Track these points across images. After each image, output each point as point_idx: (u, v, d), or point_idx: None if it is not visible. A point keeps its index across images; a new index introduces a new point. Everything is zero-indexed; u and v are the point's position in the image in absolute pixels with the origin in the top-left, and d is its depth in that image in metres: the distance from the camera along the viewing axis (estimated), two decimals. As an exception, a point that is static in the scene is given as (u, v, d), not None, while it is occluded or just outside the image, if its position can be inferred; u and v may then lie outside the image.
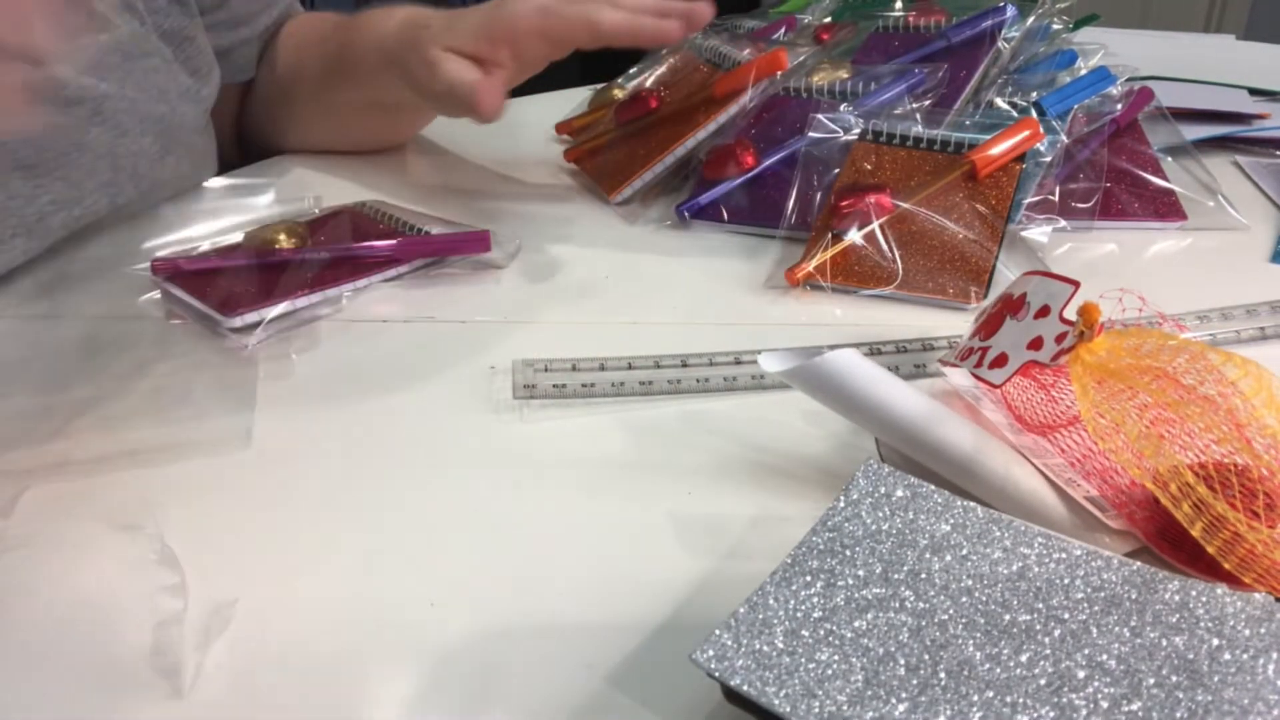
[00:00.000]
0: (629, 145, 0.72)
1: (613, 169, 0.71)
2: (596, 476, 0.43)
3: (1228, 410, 0.35)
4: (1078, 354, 0.39)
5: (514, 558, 0.38)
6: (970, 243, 0.58)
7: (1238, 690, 0.26)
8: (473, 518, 0.41)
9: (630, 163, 0.70)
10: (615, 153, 0.73)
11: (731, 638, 0.30)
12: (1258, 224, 0.66)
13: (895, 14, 0.83)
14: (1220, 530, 0.33)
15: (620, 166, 0.71)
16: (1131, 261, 0.62)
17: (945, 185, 0.60)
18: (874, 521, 0.33)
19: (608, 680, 0.33)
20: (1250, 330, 0.52)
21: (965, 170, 0.61)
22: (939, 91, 0.70)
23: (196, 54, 0.68)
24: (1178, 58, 0.97)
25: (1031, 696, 0.27)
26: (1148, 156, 0.70)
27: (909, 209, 0.60)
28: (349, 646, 0.34)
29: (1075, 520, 0.37)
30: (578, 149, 0.75)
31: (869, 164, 0.63)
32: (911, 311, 0.55)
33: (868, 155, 0.64)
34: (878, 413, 0.39)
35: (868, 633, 0.29)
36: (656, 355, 0.51)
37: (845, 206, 0.60)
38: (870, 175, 0.63)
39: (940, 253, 0.58)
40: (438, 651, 0.34)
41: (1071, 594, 0.30)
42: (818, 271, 0.58)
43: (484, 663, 0.34)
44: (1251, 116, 0.81)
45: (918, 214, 0.59)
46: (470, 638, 0.35)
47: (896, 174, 0.63)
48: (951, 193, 0.60)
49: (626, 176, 0.69)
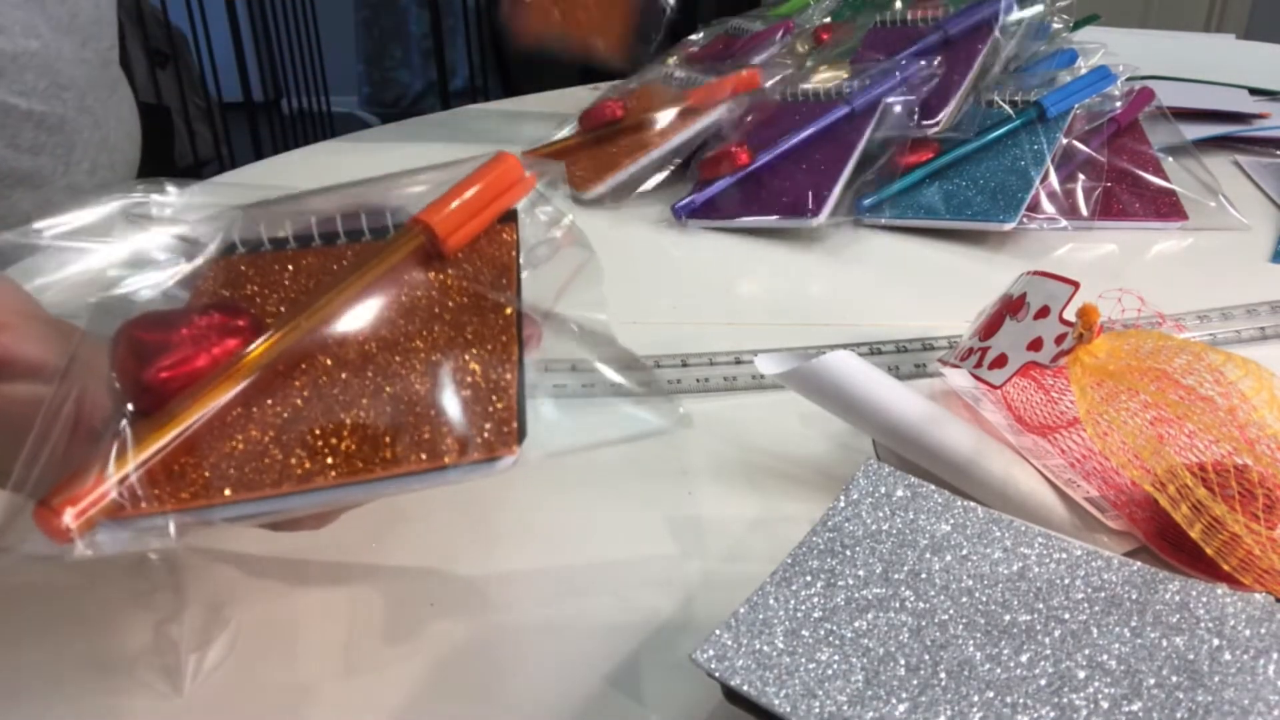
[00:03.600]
0: (596, 149, 0.73)
1: (581, 169, 0.72)
2: (596, 476, 0.43)
3: (1228, 410, 0.35)
4: (1077, 355, 0.39)
5: (514, 557, 0.38)
6: (462, 375, 0.33)
7: (1238, 691, 0.26)
8: (473, 518, 0.41)
9: (600, 163, 0.71)
10: (582, 155, 0.74)
11: (731, 638, 0.30)
12: (1258, 224, 0.66)
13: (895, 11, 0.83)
14: (1219, 531, 0.33)
15: (589, 166, 0.71)
16: (1132, 262, 0.62)
17: (381, 278, 0.36)
18: (874, 521, 0.33)
19: (608, 680, 0.33)
20: (1250, 330, 0.52)
21: (418, 245, 0.36)
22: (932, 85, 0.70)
23: None
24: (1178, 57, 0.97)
25: (1032, 697, 0.27)
26: (1148, 156, 0.70)
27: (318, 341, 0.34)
28: (348, 646, 0.34)
29: (1075, 521, 0.37)
30: (539, 150, 0.76)
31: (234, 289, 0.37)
32: (912, 311, 0.55)
33: (235, 277, 0.37)
34: (875, 414, 0.39)
35: (868, 633, 0.29)
36: (656, 355, 0.51)
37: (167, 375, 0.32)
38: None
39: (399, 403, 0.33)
40: (437, 651, 0.34)
41: (1072, 594, 0.30)
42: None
43: (484, 662, 0.34)
44: (1252, 116, 0.81)
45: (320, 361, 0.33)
46: (470, 637, 0.35)
47: (292, 288, 0.37)
48: (397, 289, 0.36)
49: (599, 175, 0.70)
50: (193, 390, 0.31)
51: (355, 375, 0.33)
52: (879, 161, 0.68)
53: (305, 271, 0.38)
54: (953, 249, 0.63)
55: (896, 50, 0.78)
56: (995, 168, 0.65)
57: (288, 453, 0.31)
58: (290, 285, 0.37)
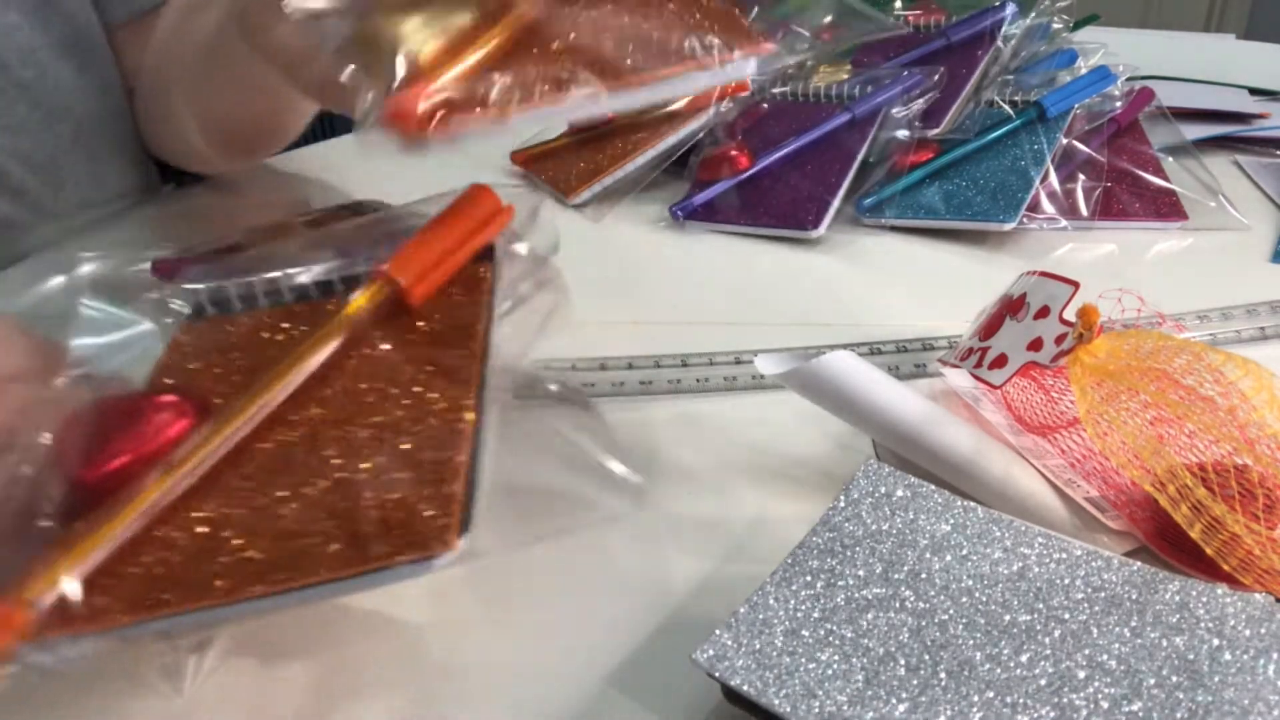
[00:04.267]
0: (584, 151, 0.73)
1: (570, 173, 0.72)
2: (596, 476, 0.43)
3: (1228, 410, 0.35)
4: (1077, 355, 0.39)
5: (513, 557, 0.38)
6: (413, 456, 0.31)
7: (1238, 691, 0.26)
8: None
9: (589, 167, 0.71)
10: (569, 157, 0.73)
11: (731, 638, 0.30)
12: (1258, 224, 0.66)
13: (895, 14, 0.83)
14: (1219, 531, 0.33)
15: (579, 171, 0.71)
16: (1132, 262, 0.62)
17: (339, 342, 0.35)
18: (874, 521, 0.33)
19: (608, 680, 0.33)
20: (1250, 330, 0.52)
21: (384, 297, 0.36)
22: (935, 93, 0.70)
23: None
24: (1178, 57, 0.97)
25: (1032, 697, 0.27)
26: (1148, 156, 0.70)
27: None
28: (348, 645, 0.34)
29: (1075, 521, 0.37)
30: (525, 152, 0.76)
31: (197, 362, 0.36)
32: (912, 311, 0.55)
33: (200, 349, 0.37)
34: (875, 414, 0.39)
35: (868, 633, 0.29)
36: (656, 355, 0.51)
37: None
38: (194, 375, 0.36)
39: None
40: (438, 651, 0.34)
41: (1072, 594, 0.30)
42: None
43: (484, 662, 0.34)
44: (1252, 116, 0.81)
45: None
46: (470, 637, 0.35)
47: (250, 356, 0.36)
48: (351, 359, 0.35)
49: (587, 180, 0.70)
50: (128, 491, 0.30)
51: (287, 469, 0.31)
52: (877, 172, 0.68)
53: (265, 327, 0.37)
54: (953, 249, 0.63)
55: (897, 54, 0.78)
56: (995, 168, 0.65)
57: (209, 562, 0.29)
58: (242, 355, 0.36)
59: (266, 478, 0.31)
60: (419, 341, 0.35)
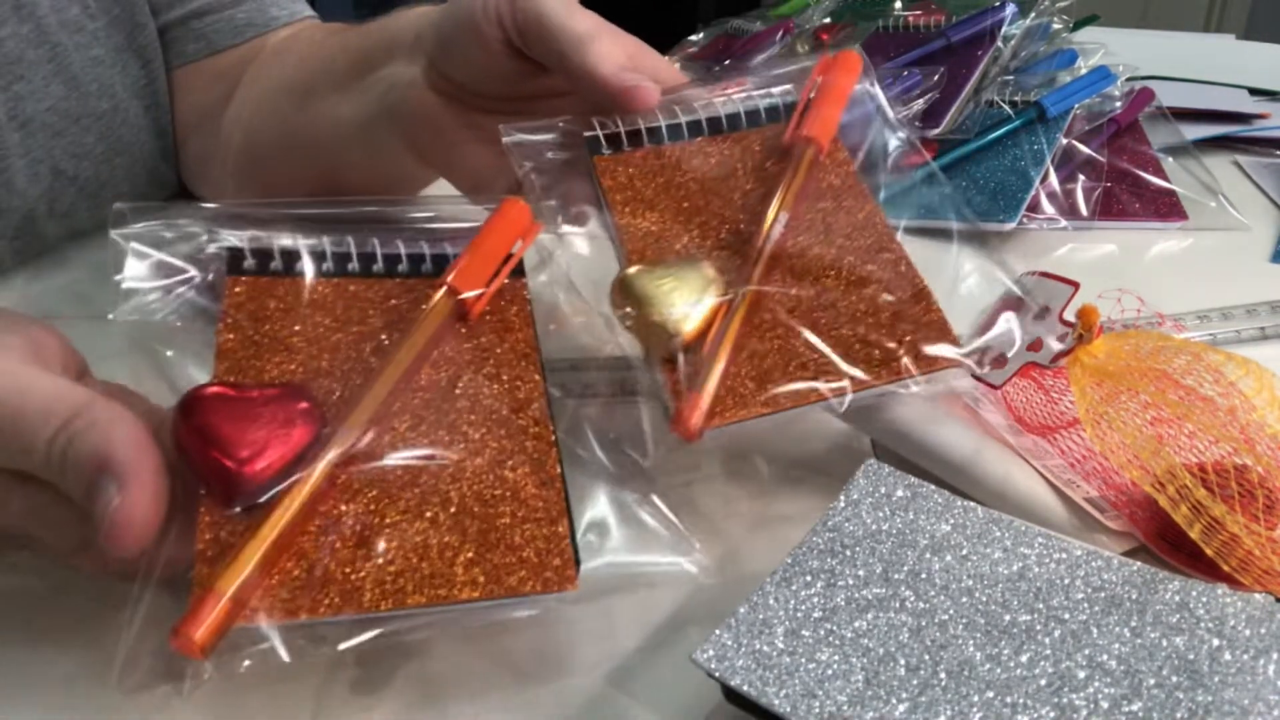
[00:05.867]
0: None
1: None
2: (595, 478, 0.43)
3: (1228, 410, 0.35)
4: (1077, 356, 0.39)
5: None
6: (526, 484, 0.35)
7: (1238, 691, 0.26)
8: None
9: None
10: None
11: (731, 638, 0.30)
12: (1258, 224, 0.66)
13: (895, 14, 0.83)
14: (1219, 531, 0.33)
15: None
16: (1132, 262, 0.62)
17: (421, 355, 0.37)
18: (874, 522, 0.33)
19: (608, 680, 0.33)
20: (1250, 330, 0.52)
21: (449, 308, 0.38)
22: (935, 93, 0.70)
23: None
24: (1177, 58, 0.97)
25: (1032, 697, 0.27)
26: (1148, 156, 0.70)
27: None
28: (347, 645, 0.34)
29: (1074, 521, 0.37)
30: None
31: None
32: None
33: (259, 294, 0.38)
34: (874, 414, 0.39)
35: (868, 633, 0.29)
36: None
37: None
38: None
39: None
40: (438, 651, 0.34)
41: (1072, 594, 0.30)
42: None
43: (484, 662, 0.34)
44: (1252, 116, 0.81)
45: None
46: (470, 637, 0.35)
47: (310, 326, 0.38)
48: (436, 371, 0.37)
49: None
50: (282, 492, 0.32)
51: (415, 485, 0.34)
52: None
53: (324, 307, 0.38)
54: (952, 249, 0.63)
55: (897, 55, 0.78)
56: (995, 168, 0.65)
57: (380, 566, 0.32)
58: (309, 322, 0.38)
59: (397, 493, 0.33)
60: (482, 356, 0.38)
